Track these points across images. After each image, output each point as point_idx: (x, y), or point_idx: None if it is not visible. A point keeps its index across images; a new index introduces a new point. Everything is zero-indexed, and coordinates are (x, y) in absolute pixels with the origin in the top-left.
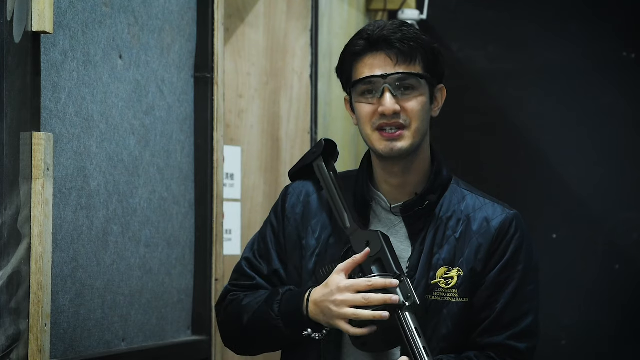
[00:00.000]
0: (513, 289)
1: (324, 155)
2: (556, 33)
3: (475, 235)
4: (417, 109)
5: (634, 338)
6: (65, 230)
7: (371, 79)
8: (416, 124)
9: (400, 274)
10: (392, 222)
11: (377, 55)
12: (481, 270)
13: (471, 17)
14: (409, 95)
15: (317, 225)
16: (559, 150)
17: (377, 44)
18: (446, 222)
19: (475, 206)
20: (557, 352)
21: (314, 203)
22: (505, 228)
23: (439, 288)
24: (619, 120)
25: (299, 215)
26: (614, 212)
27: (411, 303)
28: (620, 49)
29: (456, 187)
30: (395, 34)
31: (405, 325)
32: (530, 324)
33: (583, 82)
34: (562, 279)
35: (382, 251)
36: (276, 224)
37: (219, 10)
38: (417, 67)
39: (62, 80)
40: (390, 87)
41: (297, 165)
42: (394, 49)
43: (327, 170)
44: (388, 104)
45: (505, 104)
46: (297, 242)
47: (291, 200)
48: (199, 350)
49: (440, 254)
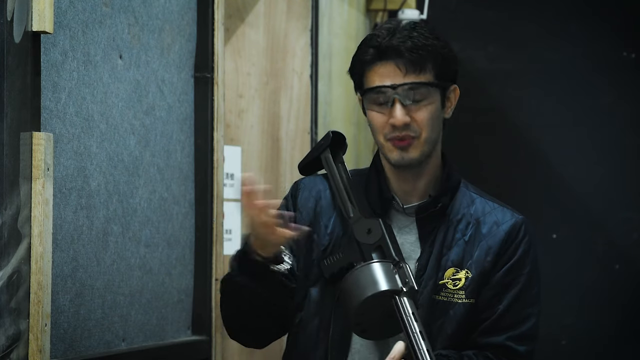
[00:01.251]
0: (517, 292)
1: (332, 147)
2: (556, 33)
3: (485, 238)
4: (427, 118)
5: (634, 338)
6: (65, 230)
7: (381, 88)
8: (426, 134)
9: (400, 260)
10: (403, 223)
11: (387, 65)
12: (489, 271)
13: (471, 17)
14: (419, 104)
15: (329, 222)
16: (559, 150)
17: (386, 53)
18: (456, 224)
19: (485, 210)
20: (557, 352)
21: (325, 199)
22: (515, 232)
23: (447, 289)
24: (619, 120)
25: (311, 209)
26: (614, 212)
27: (408, 288)
28: (620, 49)
29: (465, 191)
30: (405, 43)
31: (402, 310)
32: (531, 327)
33: (583, 82)
34: (562, 279)
35: (382, 238)
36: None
37: (219, 10)
38: (428, 75)
39: (62, 80)
40: (400, 98)
41: (306, 159)
42: (403, 58)
43: (334, 163)
44: (398, 115)
45: (505, 104)
46: (309, 236)
47: (303, 194)
48: (199, 350)
49: (449, 255)
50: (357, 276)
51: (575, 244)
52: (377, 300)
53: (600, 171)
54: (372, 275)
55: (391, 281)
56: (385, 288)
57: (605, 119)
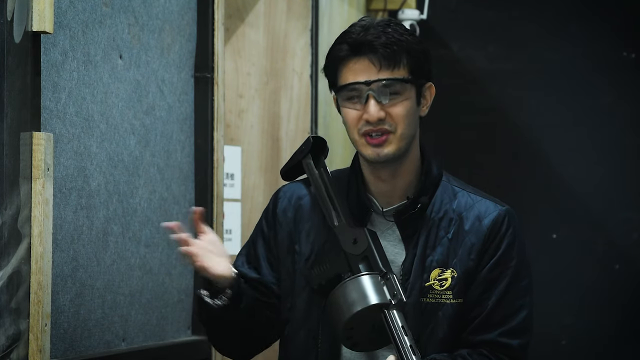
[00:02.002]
0: (505, 286)
1: (314, 152)
2: (556, 33)
3: (467, 235)
4: (403, 114)
5: (634, 338)
6: (65, 230)
7: (355, 85)
8: (402, 129)
9: (387, 271)
10: (384, 225)
11: (360, 61)
12: (474, 269)
13: (471, 17)
14: (394, 100)
15: (311, 230)
16: (558, 150)
17: (360, 49)
18: (438, 222)
19: (467, 204)
20: (557, 352)
21: (305, 206)
22: (498, 225)
23: (433, 290)
24: (619, 120)
25: (290, 219)
26: (614, 212)
27: (397, 301)
28: (620, 49)
29: (447, 185)
30: (379, 38)
31: (392, 324)
32: (523, 320)
33: (583, 82)
34: (562, 278)
35: (368, 249)
36: (267, 230)
37: (219, 10)
38: (402, 70)
39: (62, 80)
40: (375, 94)
41: (288, 164)
42: (377, 54)
43: (315, 168)
44: (372, 111)
45: (505, 104)
46: (290, 247)
47: (282, 204)
48: (199, 350)
49: (433, 255)
50: (345, 290)
51: (575, 244)
52: (366, 314)
53: (600, 171)
54: (361, 288)
55: (380, 294)
56: (374, 302)
57: (605, 119)
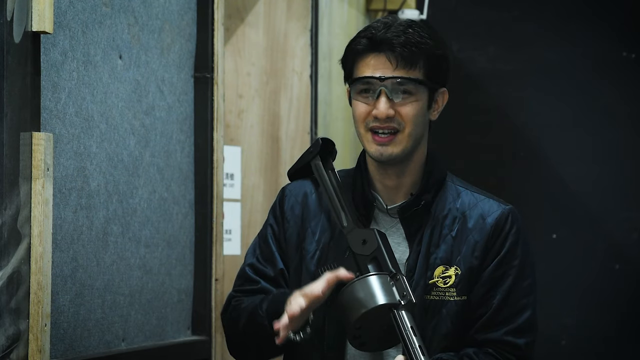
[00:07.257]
0: (509, 284)
1: (322, 153)
2: (556, 33)
3: (471, 233)
4: (412, 114)
5: (634, 338)
6: (65, 230)
7: (369, 79)
8: (409, 129)
9: (396, 272)
10: (389, 223)
11: (379, 57)
12: (478, 267)
13: (471, 17)
14: (405, 99)
15: (317, 227)
16: (558, 150)
17: (379, 45)
18: (442, 220)
19: (470, 203)
20: (557, 352)
21: (312, 204)
22: (501, 224)
23: (437, 287)
24: (618, 120)
25: (298, 216)
26: (614, 212)
27: (407, 301)
28: (620, 49)
29: (451, 185)
30: (399, 37)
31: (401, 324)
32: (528, 318)
33: (583, 82)
34: (562, 278)
35: (378, 250)
36: (276, 227)
37: (219, 10)
38: (418, 72)
39: (62, 80)
40: (387, 90)
41: (295, 166)
42: (395, 52)
43: (324, 170)
44: (382, 107)
45: (505, 104)
46: (297, 245)
47: (289, 201)
48: (199, 350)
49: (437, 253)
50: (354, 289)
51: (575, 244)
52: (375, 314)
53: (600, 171)
54: (370, 288)
55: (389, 295)
56: (383, 302)
57: (605, 119)
